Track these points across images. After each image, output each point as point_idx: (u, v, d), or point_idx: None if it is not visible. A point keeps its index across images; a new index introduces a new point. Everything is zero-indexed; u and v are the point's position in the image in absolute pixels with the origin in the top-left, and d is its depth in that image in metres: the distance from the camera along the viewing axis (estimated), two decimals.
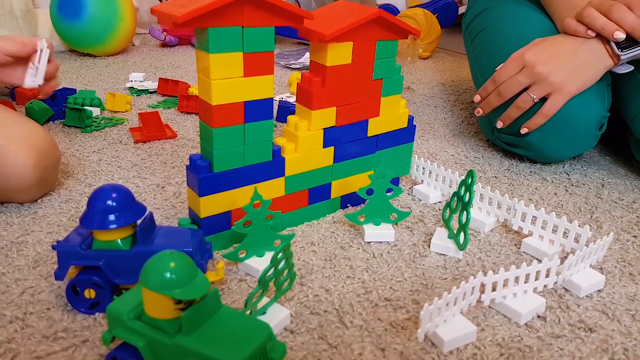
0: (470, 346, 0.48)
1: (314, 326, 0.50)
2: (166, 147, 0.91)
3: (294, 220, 0.67)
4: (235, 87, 0.55)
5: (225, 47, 0.53)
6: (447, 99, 1.28)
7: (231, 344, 0.39)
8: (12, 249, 0.60)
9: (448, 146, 0.97)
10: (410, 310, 0.53)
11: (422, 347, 0.48)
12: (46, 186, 0.71)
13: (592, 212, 0.75)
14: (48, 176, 0.70)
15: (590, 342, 0.50)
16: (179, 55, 1.66)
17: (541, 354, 0.48)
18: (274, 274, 0.48)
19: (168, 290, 0.38)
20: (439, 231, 0.65)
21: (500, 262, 0.62)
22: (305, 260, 0.60)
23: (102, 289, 0.50)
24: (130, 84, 1.26)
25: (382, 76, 0.68)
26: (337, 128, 0.66)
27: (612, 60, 0.76)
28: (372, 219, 0.66)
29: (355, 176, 0.71)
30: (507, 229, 0.69)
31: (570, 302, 0.55)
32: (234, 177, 0.59)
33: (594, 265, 0.61)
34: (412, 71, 1.55)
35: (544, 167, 0.89)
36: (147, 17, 1.95)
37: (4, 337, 0.47)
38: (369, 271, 0.59)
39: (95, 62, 1.51)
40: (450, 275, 0.59)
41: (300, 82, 0.65)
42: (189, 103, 1.09)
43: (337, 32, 0.59)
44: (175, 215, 0.69)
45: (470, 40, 1.02)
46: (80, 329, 0.48)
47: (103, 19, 1.49)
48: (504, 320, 0.52)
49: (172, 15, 0.48)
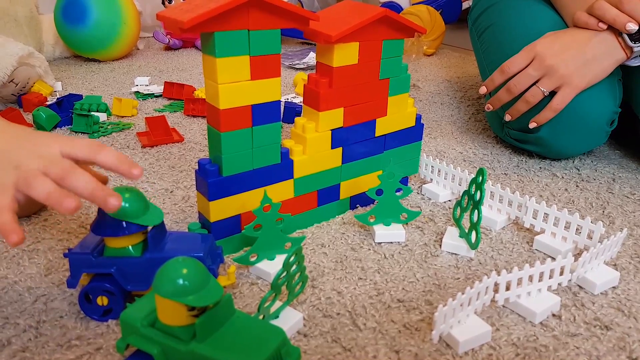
0: (486, 346, 0.48)
1: (327, 329, 0.50)
2: (173, 151, 0.91)
3: (303, 222, 0.67)
4: (242, 90, 0.55)
5: (232, 51, 0.52)
6: (454, 96, 1.27)
7: (246, 350, 0.39)
8: (24, 257, 0.60)
9: (456, 144, 0.97)
10: (424, 311, 0.52)
11: (437, 349, 0.48)
12: None
13: (604, 207, 0.74)
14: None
15: (607, 340, 0.49)
16: (184, 58, 1.66)
17: (557, 353, 0.47)
18: (286, 277, 0.47)
19: (181, 297, 0.38)
20: (450, 230, 0.65)
21: (512, 261, 0.61)
22: (316, 262, 0.60)
23: (114, 296, 0.50)
24: (135, 88, 1.26)
25: (389, 75, 0.67)
26: (345, 129, 0.66)
27: (624, 53, 0.75)
28: (382, 219, 0.65)
29: (364, 176, 0.71)
30: (518, 226, 0.68)
31: (585, 300, 0.54)
32: (243, 181, 0.59)
33: (608, 262, 0.61)
34: (417, 68, 1.54)
35: (553, 163, 0.88)
36: (151, 21, 1.96)
37: (18, 346, 0.47)
38: (381, 272, 0.59)
39: (100, 67, 1.52)
40: (462, 275, 0.58)
41: (307, 83, 0.64)
42: (195, 106, 1.09)
43: (343, 32, 0.59)
44: (184, 220, 0.69)
45: (477, 36, 1.01)
46: (94, 337, 0.48)
47: (107, 23, 1.49)
48: (519, 320, 0.51)
49: (179, 21, 0.48)
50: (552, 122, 0.80)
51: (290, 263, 0.47)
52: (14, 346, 0.47)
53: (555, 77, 0.76)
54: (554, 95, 0.77)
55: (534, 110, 0.80)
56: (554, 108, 0.78)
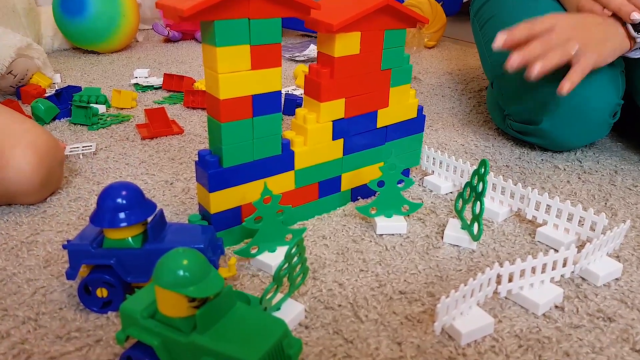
0: (488, 338, 0.48)
1: (329, 321, 0.50)
2: (173, 143, 0.90)
3: (304, 214, 0.66)
4: (243, 80, 0.54)
5: (232, 39, 0.52)
6: (455, 88, 1.26)
7: (247, 341, 0.38)
8: (23, 248, 0.60)
9: (457, 136, 0.96)
10: (426, 302, 0.52)
11: (439, 340, 0.47)
12: (51, 187, 0.70)
13: (606, 199, 0.74)
14: (52, 178, 0.69)
15: (610, 332, 0.49)
16: (183, 50, 1.65)
17: (560, 345, 0.47)
18: (288, 269, 0.47)
19: (182, 288, 0.38)
20: (451, 222, 0.64)
21: (515, 252, 0.61)
22: (318, 254, 0.60)
23: (114, 288, 0.49)
24: (135, 80, 1.26)
25: (390, 66, 0.66)
26: (346, 120, 0.65)
27: (628, 42, 0.74)
28: (383, 211, 0.65)
29: (366, 168, 0.70)
30: (520, 218, 0.68)
31: (587, 292, 0.54)
32: (243, 172, 0.58)
33: (611, 254, 0.60)
34: (418, 61, 1.53)
35: (555, 155, 0.87)
36: (150, 13, 1.94)
37: (17, 338, 0.47)
38: (382, 264, 0.58)
39: (99, 59, 1.51)
40: (464, 267, 0.58)
41: (308, 74, 0.64)
42: (195, 98, 1.08)
43: (344, 22, 0.58)
44: (185, 212, 0.68)
45: (479, 27, 1.00)
46: (94, 329, 0.48)
47: (106, 15, 1.49)
48: (521, 311, 0.51)
49: (178, 9, 0.47)
50: (554, 114, 0.80)
51: (292, 254, 0.47)
52: (13, 338, 0.47)
53: (581, 43, 0.72)
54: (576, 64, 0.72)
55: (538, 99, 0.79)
56: (582, 69, 0.71)
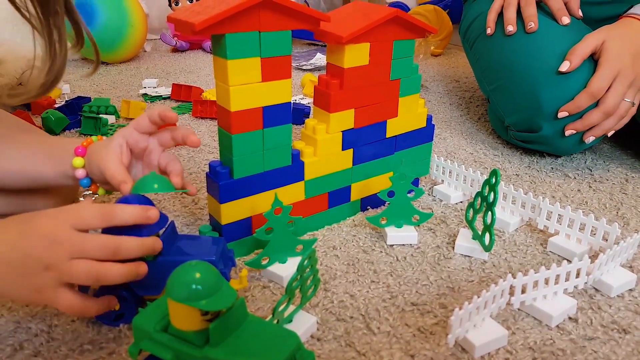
0: (502, 350, 0.47)
1: (341, 333, 0.49)
2: (182, 153, 0.91)
3: (314, 224, 0.66)
4: (253, 92, 0.54)
5: (243, 52, 0.52)
6: (462, 96, 1.26)
7: (261, 355, 0.38)
8: None
9: (466, 144, 0.96)
10: (438, 314, 0.52)
11: (453, 353, 0.47)
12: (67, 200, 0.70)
13: (618, 208, 0.73)
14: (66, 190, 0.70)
15: (625, 344, 0.48)
16: (191, 60, 1.66)
17: (575, 357, 0.47)
18: (300, 281, 0.47)
19: (194, 301, 0.38)
20: (462, 232, 0.64)
21: (527, 263, 0.61)
22: (328, 265, 0.60)
23: (126, 301, 0.49)
24: (143, 90, 1.26)
25: (399, 76, 0.67)
26: (355, 130, 0.65)
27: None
28: (394, 221, 0.65)
29: (375, 178, 0.70)
30: (531, 228, 0.67)
31: (601, 303, 0.53)
32: (254, 183, 0.58)
33: (624, 264, 0.60)
34: (425, 69, 1.53)
35: (565, 164, 0.87)
36: (158, 23, 1.96)
37: (30, 350, 0.47)
38: (394, 275, 0.58)
39: (107, 70, 1.52)
40: (476, 278, 0.58)
41: (318, 84, 0.64)
42: (203, 108, 1.09)
43: (354, 33, 0.59)
44: (195, 222, 0.68)
45: (469, 47, 1.01)
46: (106, 341, 0.48)
47: (114, 26, 1.50)
48: (535, 323, 0.51)
49: (190, 23, 0.48)
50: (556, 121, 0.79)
51: (305, 266, 0.47)
52: (26, 350, 0.47)
53: (637, 85, 0.76)
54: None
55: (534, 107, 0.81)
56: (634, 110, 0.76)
